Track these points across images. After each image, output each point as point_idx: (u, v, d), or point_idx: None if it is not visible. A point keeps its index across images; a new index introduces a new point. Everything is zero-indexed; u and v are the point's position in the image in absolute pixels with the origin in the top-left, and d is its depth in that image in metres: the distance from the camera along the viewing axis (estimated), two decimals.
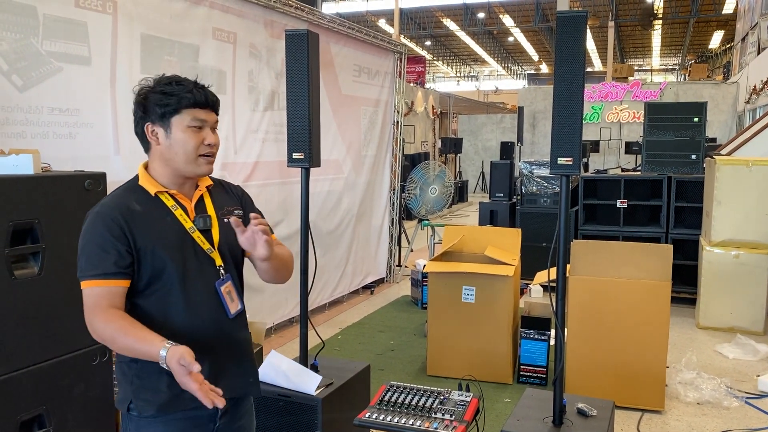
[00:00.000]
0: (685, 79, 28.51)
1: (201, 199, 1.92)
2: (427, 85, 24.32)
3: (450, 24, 29.43)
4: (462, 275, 4.59)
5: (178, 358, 1.55)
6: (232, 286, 1.91)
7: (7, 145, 3.10)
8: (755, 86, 13.89)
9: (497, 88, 37.23)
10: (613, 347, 4.13)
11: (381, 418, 2.77)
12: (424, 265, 6.57)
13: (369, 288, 7.36)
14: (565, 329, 3.40)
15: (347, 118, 6.49)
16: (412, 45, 31.36)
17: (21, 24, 3.26)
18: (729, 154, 7.18)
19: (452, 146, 16.84)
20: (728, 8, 23.14)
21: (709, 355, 5.26)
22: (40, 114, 3.39)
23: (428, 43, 33.53)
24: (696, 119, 6.92)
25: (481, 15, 27.52)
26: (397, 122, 7.65)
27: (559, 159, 2.48)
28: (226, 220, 1.90)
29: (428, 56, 34.67)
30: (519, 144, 13.57)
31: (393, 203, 7.74)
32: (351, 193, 6.70)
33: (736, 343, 5.38)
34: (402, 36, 24.21)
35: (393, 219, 7.81)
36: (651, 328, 4.06)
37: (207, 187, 1.95)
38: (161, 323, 1.78)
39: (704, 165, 6.82)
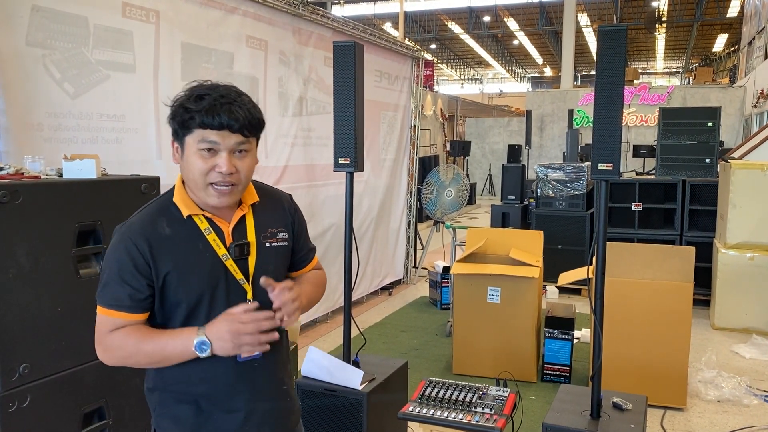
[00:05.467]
0: (689, 83, 28.62)
1: (242, 220, 1.70)
2: (434, 89, 24.43)
3: (454, 27, 29.60)
4: (487, 277, 4.72)
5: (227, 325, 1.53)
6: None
7: (60, 150, 3.24)
8: (762, 90, 14.01)
9: (501, 91, 37.36)
10: (637, 346, 4.25)
11: (424, 411, 2.90)
12: (443, 267, 6.71)
13: (387, 289, 7.49)
14: (589, 329, 3.53)
15: (368, 122, 6.62)
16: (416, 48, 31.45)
17: (73, 34, 3.40)
18: (740, 158, 7.32)
19: (461, 149, 16.97)
20: (732, 12, 23.27)
21: (726, 355, 5.38)
22: (90, 120, 3.52)
23: (433, 46, 33.69)
24: (710, 124, 7.06)
25: (486, 18, 27.67)
26: (414, 126, 7.79)
27: (599, 165, 2.60)
28: (267, 244, 1.72)
29: (432, 59, 34.79)
30: (527, 147, 13.70)
31: (410, 206, 7.88)
32: (370, 196, 6.83)
33: (752, 343, 5.51)
34: (407, 39, 24.36)
35: (410, 221, 7.94)
36: (673, 328, 4.18)
37: (252, 204, 1.73)
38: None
39: (718, 169, 6.95)
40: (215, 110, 1.54)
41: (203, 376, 1.65)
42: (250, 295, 1.67)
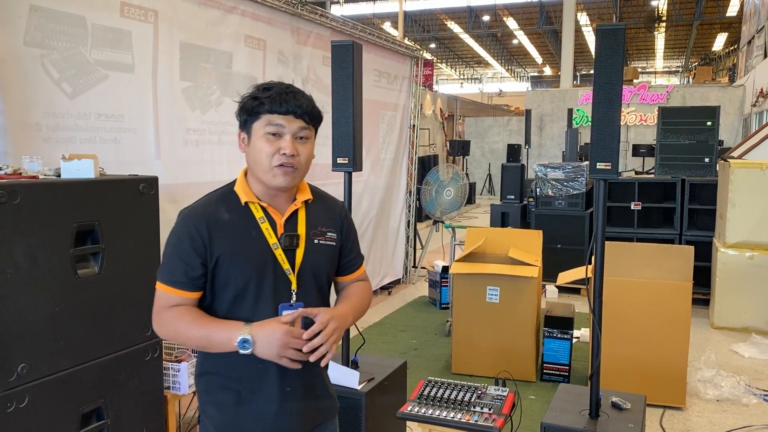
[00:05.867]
0: (689, 82, 28.64)
1: (295, 214, 1.81)
2: (433, 88, 24.43)
3: (454, 27, 29.60)
4: (487, 276, 4.72)
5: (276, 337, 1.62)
6: (300, 321, 1.74)
7: (58, 150, 3.23)
8: (762, 89, 14.02)
9: (501, 91, 37.37)
10: (636, 346, 4.25)
11: (422, 411, 2.90)
12: (443, 267, 6.71)
13: (386, 289, 7.50)
14: (588, 328, 3.53)
15: (367, 121, 6.62)
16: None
17: (71, 34, 3.39)
18: (740, 157, 7.31)
19: (460, 149, 16.97)
20: (732, 11, 23.27)
21: (725, 354, 5.38)
22: (88, 120, 3.51)
23: (432, 45, 33.69)
24: (709, 123, 7.06)
25: (485, 18, 27.67)
26: (413, 126, 7.78)
27: (598, 164, 2.60)
28: (316, 240, 1.82)
29: (432, 59, 34.77)
30: (526, 146, 13.71)
31: (409, 205, 7.88)
32: (370, 196, 6.83)
33: (752, 342, 5.51)
34: (406, 39, 24.36)
35: (409, 221, 7.94)
36: (672, 328, 4.18)
37: (306, 201, 1.85)
38: None
39: (717, 168, 6.95)
40: (282, 98, 1.71)
41: (245, 364, 1.73)
42: (294, 286, 1.76)
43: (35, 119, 3.23)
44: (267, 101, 1.71)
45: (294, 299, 1.76)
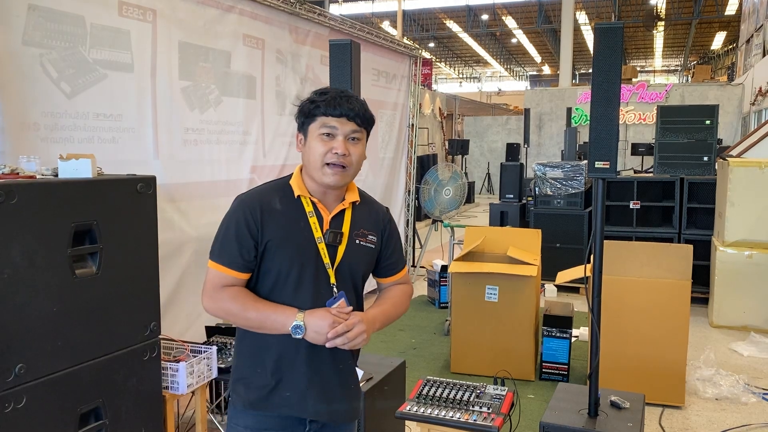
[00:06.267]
0: (688, 81, 28.65)
1: (341, 213, 1.93)
2: (432, 87, 24.44)
3: (453, 26, 29.60)
4: (485, 275, 4.72)
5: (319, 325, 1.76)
6: (346, 303, 1.89)
7: (56, 149, 3.23)
8: (761, 88, 14.02)
9: (500, 90, 37.37)
10: (635, 344, 4.25)
11: (421, 410, 2.90)
12: (442, 266, 6.71)
13: None
14: (587, 327, 3.54)
15: None
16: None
17: (70, 33, 3.39)
18: (738, 155, 7.31)
19: (459, 148, 16.97)
20: (731, 9, 23.28)
21: (724, 352, 5.38)
22: (87, 119, 3.51)
23: (431, 44, 33.69)
24: (708, 122, 7.06)
25: (484, 17, 27.67)
26: (412, 125, 7.78)
27: (596, 163, 2.60)
28: (357, 241, 1.94)
29: (430, 58, 34.78)
30: (525, 145, 13.71)
31: (408, 205, 7.87)
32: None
33: (751, 341, 5.51)
34: (405, 38, 24.36)
35: (408, 220, 7.94)
36: (671, 326, 4.18)
37: (353, 203, 1.96)
38: None
39: (716, 167, 6.95)
40: (336, 102, 1.84)
41: (278, 347, 1.86)
42: (333, 280, 1.89)
43: (33, 119, 3.23)
44: (322, 104, 1.84)
45: (335, 291, 1.89)
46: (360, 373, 3.09)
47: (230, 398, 1.97)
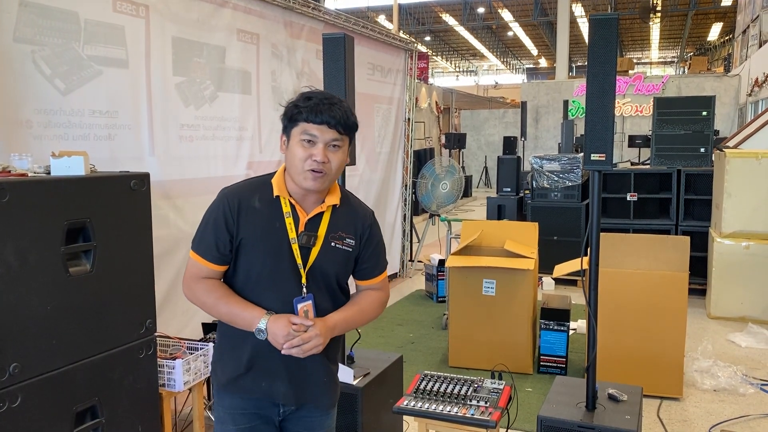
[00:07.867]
0: (684, 72, 28.63)
1: (319, 215, 1.95)
2: (428, 81, 24.38)
3: (449, 19, 29.50)
4: (483, 269, 4.71)
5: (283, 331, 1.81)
6: (312, 306, 1.92)
7: (50, 147, 3.21)
8: (757, 79, 14.01)
9: (497, 83, 37.32)
10: (633, 337, 4.25)
11: (419, 405, 2.90)
12: (439, 260, 6.70)
13: None
14: (584, 320, 3.54)
15: (362, 115, 6.56)
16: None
17: (63, 29, 3.36)
18: (735, 146, 7.31)
19: (456, 142, 16.93)
20: (726, 0, 23.23)
21: (722, 344, 5.38)
22: (82, 116, 3.49)
23: (427, 38, 33.59)
24: (704, 113, 7.06)
25: (480, 10, 27.59)
26: (409, 119, 7.76)
27: (592, 155, 2.59)
28: (332, 243, 1.95)
29: (427, 51, 34.70)
30: (522, 139, 13.69)
31: (405, 199, 7.86)
32: (365, 190, 6.81)
33: (748, 332, 5.51)
34: (401, 31, 24.30)
35: (405, 215, 7.93)
36: (669, 318, 4.18)
37: (333, 206, 1.97)
38: None
39: (713, 158, 6.94)
40: (318, 109, 1.84)
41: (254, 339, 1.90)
42: (304, 280, 1.92)
43: (26, 116, 3.20)
44: (305, 111, 1.85)
45: (305, 291, 1.92)
46: (348, 371, 3.09)
47: (210, 378, 2.07)
